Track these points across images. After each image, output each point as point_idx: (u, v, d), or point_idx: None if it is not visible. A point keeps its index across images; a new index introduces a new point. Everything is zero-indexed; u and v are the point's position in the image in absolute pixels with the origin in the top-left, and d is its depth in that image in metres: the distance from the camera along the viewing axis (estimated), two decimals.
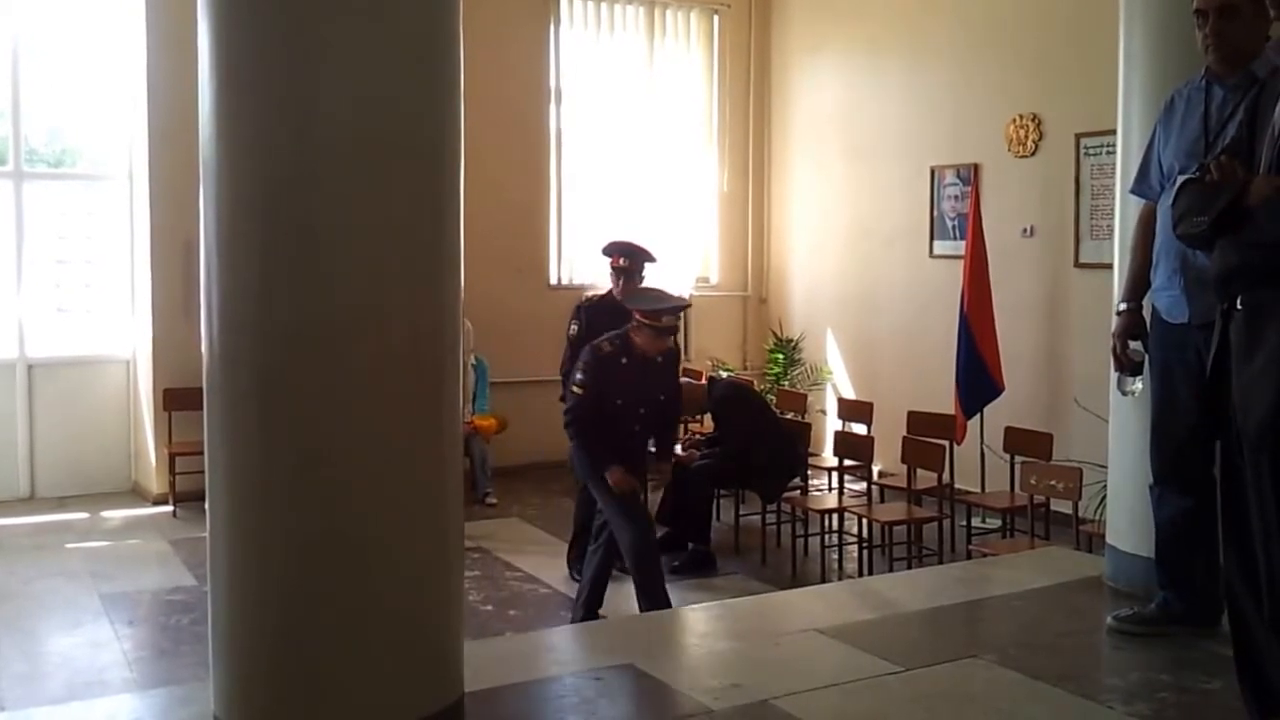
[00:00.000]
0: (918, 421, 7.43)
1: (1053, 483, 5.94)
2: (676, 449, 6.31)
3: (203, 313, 2.92)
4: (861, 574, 6.70)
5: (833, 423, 8.77)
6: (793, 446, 7.36)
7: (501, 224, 8.99)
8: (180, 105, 5.36)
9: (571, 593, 6.39)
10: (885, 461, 7.60)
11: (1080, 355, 7.48)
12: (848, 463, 7.47)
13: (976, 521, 6.84)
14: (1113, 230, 4.58)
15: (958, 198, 8.61)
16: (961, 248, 8.01)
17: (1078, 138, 7.67)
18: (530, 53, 9.61)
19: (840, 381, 9.72)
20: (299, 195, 2.76)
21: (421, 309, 2.89)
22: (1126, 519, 4.37)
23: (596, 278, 8.57)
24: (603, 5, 9.88)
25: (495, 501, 8.39)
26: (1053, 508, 6.33)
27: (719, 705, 3.36)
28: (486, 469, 8.51)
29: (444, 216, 2.94)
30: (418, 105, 2.86)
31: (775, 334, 10.29)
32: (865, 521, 6.80)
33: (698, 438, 8.02)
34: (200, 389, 2.93)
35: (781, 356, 10.05)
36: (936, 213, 8.82)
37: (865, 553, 6.83)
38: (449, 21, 2.94)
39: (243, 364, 2.84)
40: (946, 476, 6.90)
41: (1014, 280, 7.92)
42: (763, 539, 7.16)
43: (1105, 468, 4.74)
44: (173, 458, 7.92)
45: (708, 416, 8.22)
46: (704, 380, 7.98)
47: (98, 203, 8.69)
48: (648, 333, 5.59)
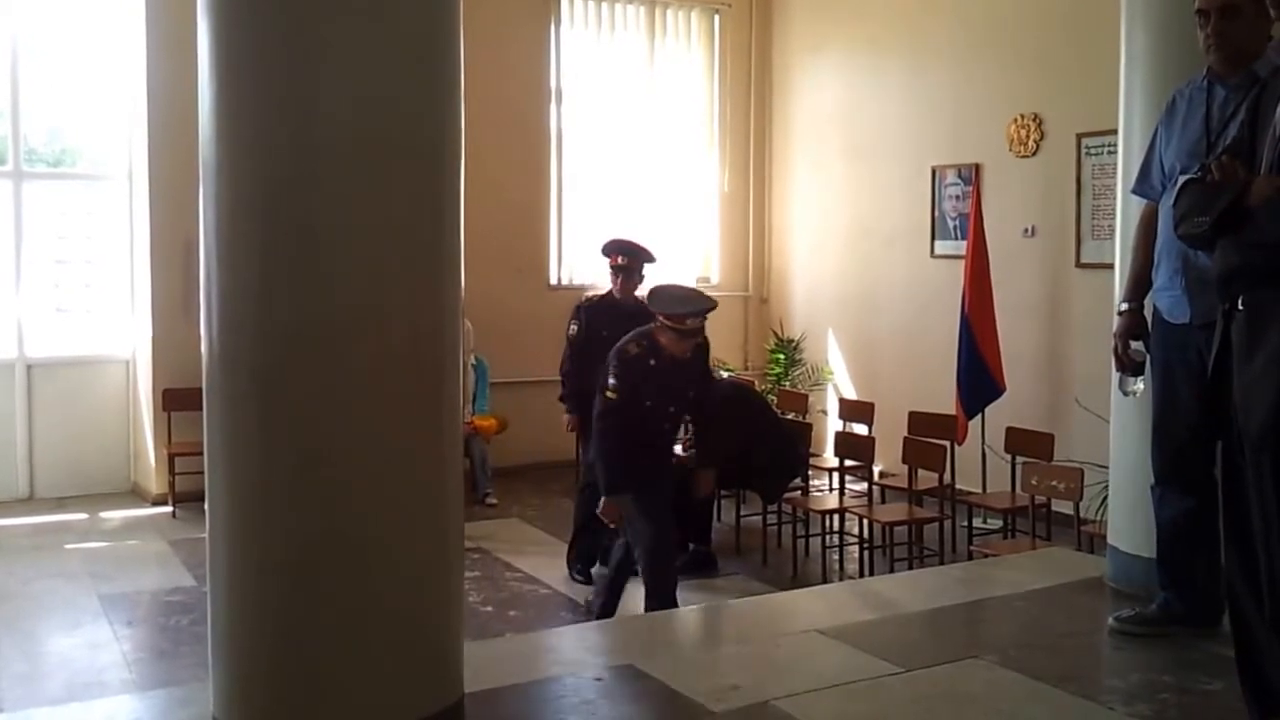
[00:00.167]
0: (919, 422, 7.43)
1: (1054, 483, 5.93)
2: (677, 449, 6.24)
3: (202, 313, 2.92)
4: (862, 575, 6.69)
5: (834, 423, 8.76)
6: (794, 447, 7.34)
7: (502, 224, 8.98)
8: (180, 105, 5.35)
9: (572, 593, 6.39)
10: (886, 462, 7.59)
11: (1081, 355, 7.47)
12: (849, 463, 7.47)
13: (977, 522, 6.84)
14: (1114, 230, 4.58)
15: (959, 198, 8.61)
16: (963, 248, 8.00)
17: (1079, 138, 7.66)
18: (531, 52, 9.60)
19: (841, 382, 9.71)
20: (299, 195, 2.76)
21: (421, 309, 2.89)
22: (1128, 519, 4.37)
23: (597, 278, 8.56)
24: (603, 5, 9.87)
25: (495, 502, 8.39)
26: (1054, 508, 6.33)
27: (719, 706, 3.35)
28: (486, 469, 8.50)
29: (444, 216, 2.93)
30: (418, 105, 2.85)
31: (776, 334, 10.28)
32: (866, 522, 6.80)
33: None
34: (200, 389, 2.93)
35: (782, 357, 10.04)
36: (938, 213, 8.81)
37: (866, 553, 6.82)
38: (449, 21, 2.93)
39: (242, 364, 2.84)
40: (948, 477, 6.90)
41: (1015, 280, 7.92)
42: (764, 539, 7.15)
43: (1106, 468, 4.74)
44: (172, 458, 7.91)
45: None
46: None
47: (97, 202, 8.68)
48: (671, 335, 5.44)
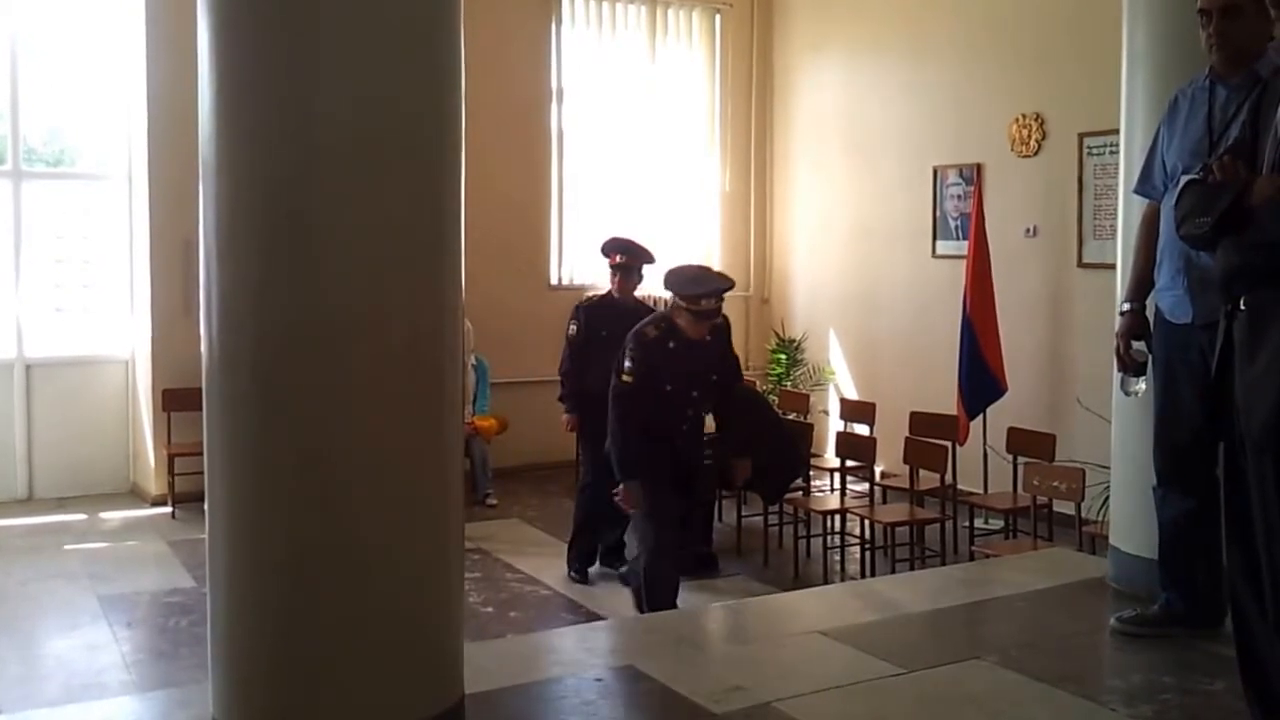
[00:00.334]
0: (920, 422, 7.42)
1: (1055, 483, 5.93)
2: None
3: (202, 313, 2.91)
4: (864, 575, 6.69)
5: (835, 423, 8.75)
6: (795, 447, 7.32)
7: (502, 224, 8.98)
8: (180, 104, 5.35)
9: (572, 593, 6.39)
10: (887, 462, 7.58)
11: (1083, 355, 7.46)
12: (850, 463, 7.46)
13: (979, 522, 6.83)
14: (1116, 230, 4.58)
15: (960, 197, 8.60)
16: (964, 248, 8.00)
17: (1081, 137, 7.65)
18: (532, 52, 9.59)
19: (842, 382, 9.70)
20: (299, 194, 2.75)
21: (422, 309, 2.88)
22: (1129, 520, 4.36)
23: (597, 278, 8.55)
24: (604, 4, 9.86)
25: (495, 503, 8.38)
26: (1055, 509, 6.31)
27: (721, 708, 3.34)
28: (487, 470, 8.49)
29: (444, 216, 2.92)
30: (418, 104, 2.84)
31: (777, 334, 10.27)
32: (867, 523, 6.80)
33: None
34: (199, 389, 2.92)
35: (784, 357, 10.03)
36: (939, 212, 8.80)
37: (867, 554, 6.82)
38: (450, 20, 2.92)
39: (242, 364, 2.83)
40: (949, 477, 6.89)
41: (1017, 280, 7.91)
42: (765, 540, 7.14)
43: (1108, 468, 4.73)
44: (172, 458, 7.90)
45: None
46: None
47: (96, 202, 8.67)
48: (688, 316, 5.37)
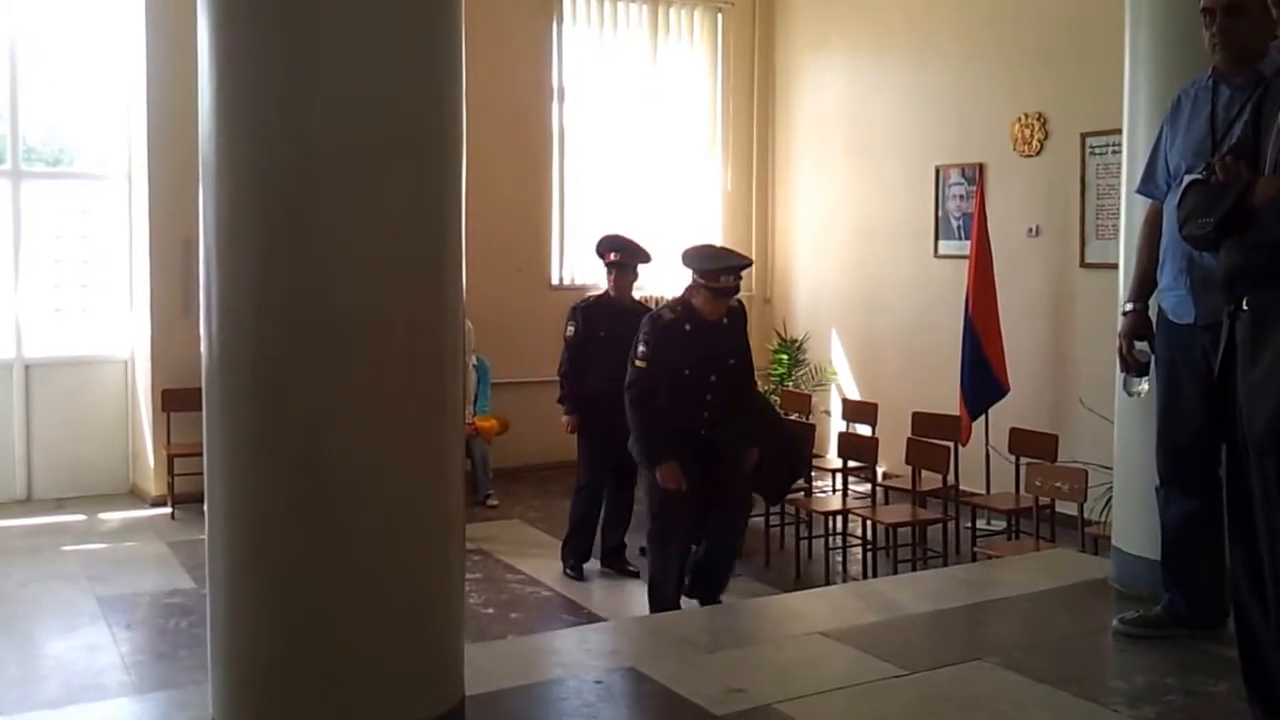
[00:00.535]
0: (922, 422, 7.41)
1: (1058, 484, 5.93)
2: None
3: (202, 312, 2.90)
4: (866, 576, 6.68)
5: (837, 424, 8.74)
6: (796, 448, 7.31)
7: (503, 223, 8.97)
8: (179, 104, 5.35)
9: (573, 594, 6.38)
10: (890, 463, 7.57)
11: (1086, 356, 7.45)
12: (852, 464, 7.44)
13: (981, 523, 6.82)
14: (1118, 230, 4.56)
15: (963, 197, 8.59)
16: (966, 247, 7.99)
17: (1083, 137, 7.64)
18: (533, 51, 9.58)
19: (844, 382, 9.70)
20: (300, 194, 2.74)
21: (422, 308, 2.87)
22: (1132, 521, 4.35)
23: (598, 278, 8.51)
24: (606, 3, 9.85)
25: (496, 503, 8.37)
26: (1058, 509, 6.30)
27: (721, 710, 3.33)
28: (488, 470, 8.49)
29: (445, 215, 2.91)
30: (419, 103, 2.83)
31: (779, 334, 10.26)
32: (869, 523, 6.78)
33: None
34: (199, 390, 2.91)
35: (786, 357, 10.01)
36: (941, 212, 8.79)
37: (869, 555, 6.81)
38: (451, 19, 2.91)
39: (242, 364, 2.82)
40: (951, 478, 6.87)
41: (1019, 280, 7.90)
42: (766, 541, 7.12)
43: (1111, 469, 4.72)
44: (171, 459, 7.89)
45: None
46: None
47: (96, 202, 8.66)
48: (705, 294, 5.27)
